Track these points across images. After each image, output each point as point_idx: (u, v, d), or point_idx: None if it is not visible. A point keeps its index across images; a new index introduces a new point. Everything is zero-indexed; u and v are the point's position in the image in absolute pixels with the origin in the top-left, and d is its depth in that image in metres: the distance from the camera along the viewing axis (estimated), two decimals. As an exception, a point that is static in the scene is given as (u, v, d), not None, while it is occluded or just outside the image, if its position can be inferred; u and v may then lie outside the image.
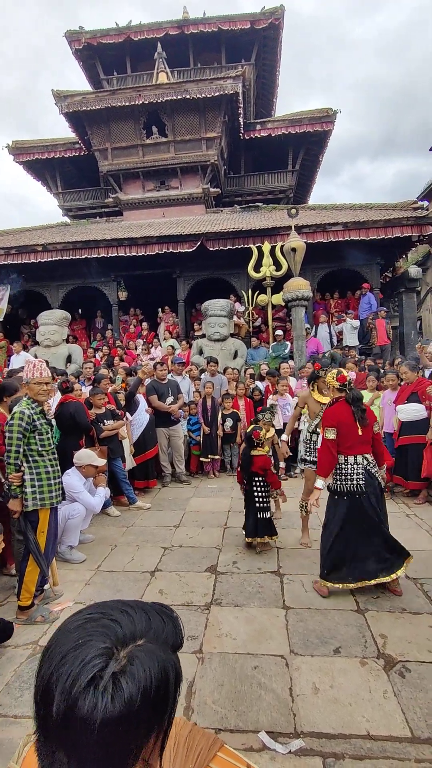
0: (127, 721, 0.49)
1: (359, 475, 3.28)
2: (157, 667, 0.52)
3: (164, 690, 0.53)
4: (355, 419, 3.31)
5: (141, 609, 0.58)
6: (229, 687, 2.37)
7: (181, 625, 0.61)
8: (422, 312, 22.78)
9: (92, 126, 14.51)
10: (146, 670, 0.51)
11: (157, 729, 0.54)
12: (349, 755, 1.94)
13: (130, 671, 0.50)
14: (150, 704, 0.51)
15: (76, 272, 12.61)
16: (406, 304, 11.81)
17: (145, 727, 0.51)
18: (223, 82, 13.38)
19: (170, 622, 0.60)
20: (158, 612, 0.60)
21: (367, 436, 3.36)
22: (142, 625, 0.56)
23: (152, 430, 6.35)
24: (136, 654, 0.52)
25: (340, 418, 3.35)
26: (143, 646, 0.53)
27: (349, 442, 3.32)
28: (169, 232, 11.75)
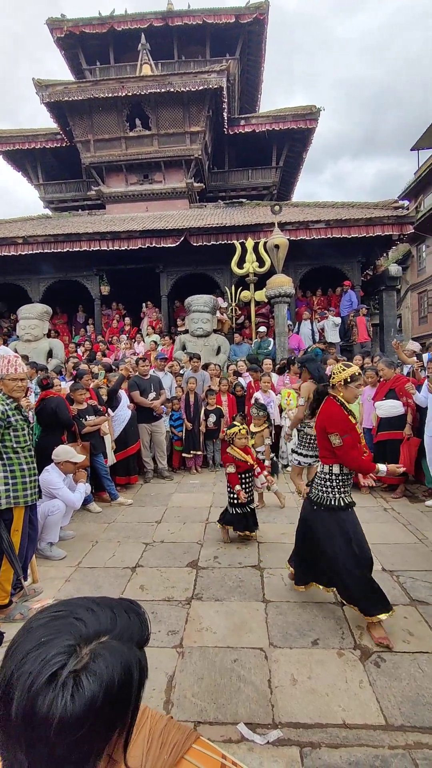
0: (89, 719, 0.48)
1: (349, 486, 3.01)
2: (120, 664, 0.53)
3: (127, 686, 0.53)
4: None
5: (107, 606, 0.58)
6: (208, 680, 2.39)
7: (147, 621, 0.61)
8: (402, 310, 23.19)
9: (74, 117, 14.26)
10: (109, 667, 0.51)
11: (120, 725, 0.54)
12: (326, 744, 1.98)
13: (92, 668, 0.50)
14: (112, 701, 0.51)
15: (57, 265, 12.42)
16: (386, 302, 11.98)
17: (108, 724, 0.52)
18: (207, 76, 13.30)
19: (136, 619, 0.60)
20: (125, 609, 0.60)
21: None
22: (107, 622, 0.55)
23: (134, 426, 6.32)
24: (99, 651, 0.52)
25: (350, 422, 2.87)
26: (107, 644, 0.53)
27: (356, 450, 2.86)
28: (153, 226, 11.66)
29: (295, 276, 11.58)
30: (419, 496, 5.50)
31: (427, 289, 21.83)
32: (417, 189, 22.40)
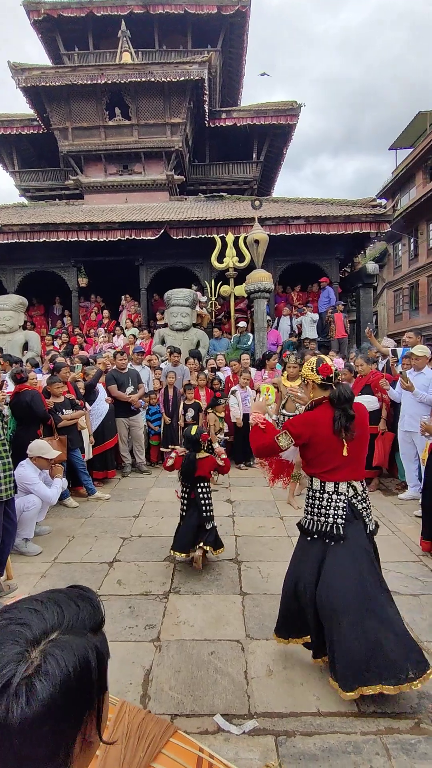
0: (50, 717, 0.49)
1: (338, 511, 2.27)
2: (74, 656, 0.52)
3: (86, 675, 0.53)
4: (338, 431, 2.24)
5: (53, 601, 0.57)
6: (185, 673, 2.41)
7: (99, 605, 0.61)
8: (378, 307, 23.61)
9: (51, 103, 13.91)
10: (61, 663, 0.51)
11: (89, 709, 0.55)
12: (300, 732, 2.03)
13: (43, 670, 0.49)
14: (73, 694, 0.51)
15: (33, 256, 12.13)
16: (363, 299, 12.18)
17: (74, 713, 0.52)
18: (188, 67, 13.15)
19: (87, 605, 0.59)
20: (73, 598, 0.59)
21: (359, 452, 2.35)
22: (54, 619, 0.54)
23: (111, 420, 6.27)
24: (49, 651, 0.51)
25: (317, 428, 2.28)
26: (57, 641, 0.52)
27: (329, 465, 2.30)
28: (132, 218, 11.51)
29: (275, 272, 11.64)
30: (392, 489, 5.64)
31: (402, 287, 22.29)
32: (394, 188, 22.79)
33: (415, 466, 5.21)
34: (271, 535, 4.24)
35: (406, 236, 21.14)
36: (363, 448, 2.39)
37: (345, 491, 2.29)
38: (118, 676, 2.36)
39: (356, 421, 2.27)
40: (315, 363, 2.39)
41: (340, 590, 2.15)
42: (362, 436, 2.33)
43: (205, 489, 3.73)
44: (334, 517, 2.27)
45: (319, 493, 2.33)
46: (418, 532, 3.98)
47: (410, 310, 21.60)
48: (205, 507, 3.68)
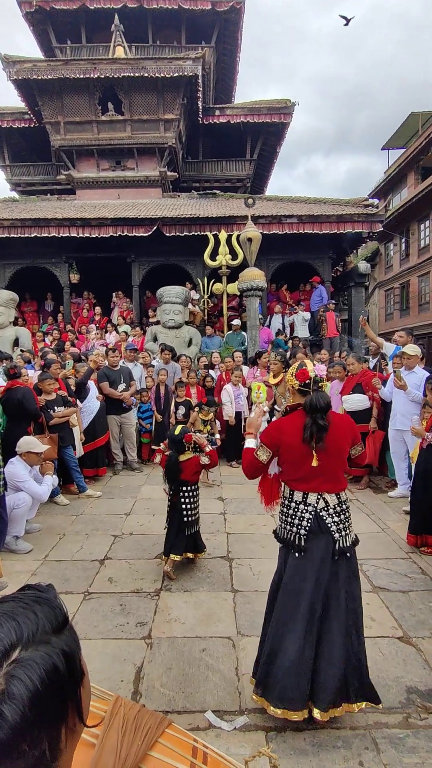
0: (26, 734, 0.48)
1: (303, 522, 2.14)
2: (39, 671, 0.51)
3: (57, 682, 0.52)
4: (306, 440, 2.11)
5: (7, 616, 0.54)
6: (177, 670, 2.42)
7: (58, 602, 0.59)
8: (369, 306, 23.78)
9: (43, 96, 13.75)
10: (27, 682, 0.49)
11: (67, 708, 0.54)
12: (290, 728, 2.05)
13: (9, 693, 0.48)
14: (46, 705, 0.50)
15: (24, 251, 12.02)
16: (355, 299, 12.25)
17: (51, 720, 0.51)
18: (182, 63, 13.08)
19: (45, 608, 0.57)
20: (29, 605, 0.56)
21: (331, 466, 2.17)
22: (11, 636, 0.52)
23: (103, 418, 6.25)
24: (12, 673, 0.49)
25: (283, 435, 2.20)
26: (18, 661, 0.50)
27: (296, 473, 2.19)
28: (125, 214, 11.44)
29: (267, 270, 11.65)
30: (382, 487, 5.70)
31: (393, 286, 22.46)
32: (386, 188, 22.93)
33: (405, 465, 5.27)
34: (262, 532, 4.26)
35: (398, 236, 21.30)
36: (338, 461, 2.19)
37: (314, 503, 2.15)
38: (110, 673, 2.36)
39: (331, 431, 2.13)
40: (295, 368, 2.30)
41: (287, 603, 2.09)
42: (338, 449, 2.17)
43: (187, 493, 3.54)
44: (298, 527, 2.15)
45: (287, 501, 2.25)
46: (406, 528, 4.03)
47: (401, 310, 21.78)
48: (186, 512, 3.51)
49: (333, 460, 2.16)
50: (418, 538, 3.88)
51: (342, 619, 2.03)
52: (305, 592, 2.04)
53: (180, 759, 0.83)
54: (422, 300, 19.67)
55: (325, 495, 2.16)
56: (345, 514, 2.20)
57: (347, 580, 2.11)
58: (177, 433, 3.58)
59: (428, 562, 3.64)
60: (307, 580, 2.06)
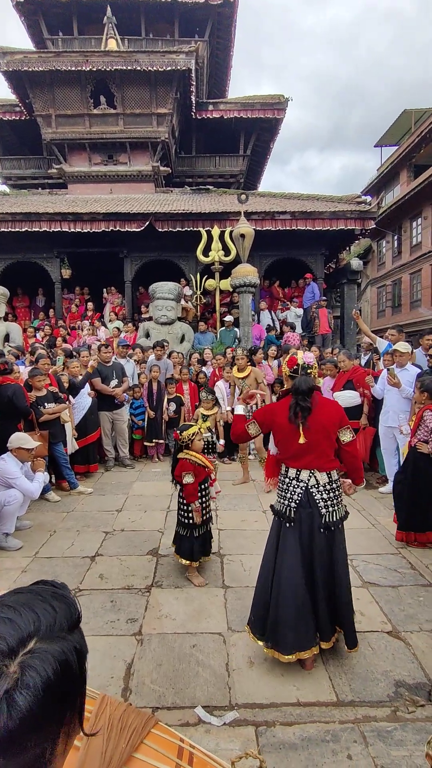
0: (35, 726, 0.48)
1: (293, 496, 2.41)
2: (54, 663, 0.51)
3: (68, 678, 0.53)
4: (291, 418, 2.37)
5: (26, 606, 0.55)
6: (167, 666, 2.42)
7: (74, 602, 0.60)
8: (361, 303, 23.85)
9: (34, 89, 13.58)
10: (42, 673, 0.50)
11: (71, 708, 0.54)
12: (280, 722, 2.06)
13: (24, 682, 0.48)
14: (56, 699, 0.51)
15: (15, 246, 11.88)
16: (347, 296, 12.28)
17: (58, 716, 0.52)
18: (175, 57, 12.98)
19: (62, 604, 0.57)
20: (47, 599, 0.57)
21: (317, 444, 2.39)
22: (29, 626, 0.53)
23: (94, 414, 6.21)
24: (28, 662, 0.50)
25: (276, 417, 2.45)
26: (35, 651, 0.51)
27: (288, 451, 2.44)
28: (117, 209, 11.35)
29: (260, 266, 11.63)
30: (373, 483, 5.73)
31: (385, 284, 22.55)
32: (379, 185, 22.98)
33: (395, 461, 5.30)
34: (254, 528, 4.28)
35: (390, 234, 21.37)
36: (324, 440, 2.40)
37: (305, 479, 2.41)
38: (100, 670, 2.36)
39: (316, 412, 2.38)
40: (287, 356, 2.62)
41: (285, 566, 2.37)
42: (323, 428, 2.39)
43: (181, 492, 3.42)
44: (289, 500, 2.42)
45: (283, 477, 2.50)
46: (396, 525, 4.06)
47: (393, 307, 21.88)
48: (180, 511, 3.40)
49: (318, 437, 2.38)
50: (406, 534, 3.91)
51: (330, 576, 2.38)
52: (297, 557, 2.35)
53: (165, 760, 0.83)
54: (414, 297, 19.78)
55: (316, 473, 2.41)
56: (335, 492, 2.44)
57: (334, 548, 2.40)
58: (178, 428, 3.50)
59: (417, 557, 3.67)
60: (298, 547, 2.36)
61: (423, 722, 2.06)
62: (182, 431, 3.40)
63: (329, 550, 2.38)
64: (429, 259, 18.36)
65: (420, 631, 2.71)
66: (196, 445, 3.35)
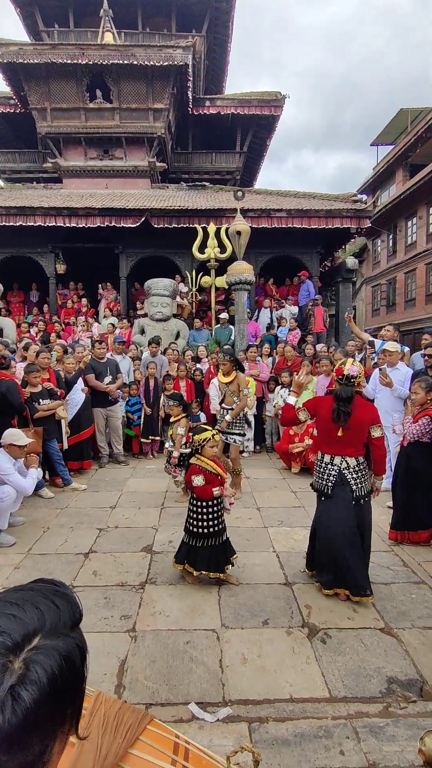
0: (36, 723, 0.48)
1: (330, 477, 3.01)
2: (59, 660, 0.51)
3: (72, 675, 0.53)
4: (334, 419, 2.96)
5: (30, 603, 0.55)
6: (161, 663, 2.42)
7: (76, 600, 0.60)
8: (356, 302, 23.92)
9: (29, 81, 13.44)
10: (47, 669, 0.50)
11: (71, 706, 0.54)
12: (273, 718, 2.07)
13: (29, 678, 0.48)
14: (59, 695, 0.51)
15: (9, 240, 11.77)
16: (343, 294, 12.30)
17: (59, 714, 0.52)
18: (172, 51, 12.89)
19: (64, 602, 0.58)
20: (49, 597, 0.57)
21: (352, 438, 2.98)
22: (34, 622, 0.53)
23: (88, 410, 6.19)
24: (33, 659, 0.50)
25: (319, 409, 3.11)
26: (40, 647, 0.51)
27: (326, 439, 3.06)
28: (113, 204, 11.28)
29: (256, 264, 11.62)
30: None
31: (380, 282, 22.63)
32: (374, 184, 23.03)
33: (387, 458, 5.33)
34: (248, 526, 4.29)
35: (385, 233, 21.43)
36: (358, 434, 2.99)
37: (338, 463, 3.00)
38: (93, 666, 2.35)
39: (355, 413, 2.95)
40: (339, 363, 3.17)
41: (329, 528, 2.98)
42: (358, 426, 2.98)
43: (192, 499, 3.27)
44: (326, 481, 3.03)
45: (320, 462, 3.12)
46: (389, 522, 4.08)
47: (387, 306, 21.97)
48: (188, 518, 3.25)
49: (354, 433, 2.98)
50: (399, 534, 3.94)
51: (360, 536, 2.98)
52: (336, 522, 2.95)
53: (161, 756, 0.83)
54: (408, 296, 19.87)
55: (347, 458, 2.99)
56: (363, 473, 3.02)
57: (363, 515, 3.02)
58: (192, 429, 3.44)
59: (410, 555, 3.70)
60: (335, 516, 2.96)
61: (415, 718, 2.08)
62: (194, 434, 3.29)
63: (362, 516, 3.01)
64: (423, 259, 18.44)
65: (412, 627, 2.73)
66: (207, 451, 3.23)
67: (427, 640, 2.62)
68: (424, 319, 18.01)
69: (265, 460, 6.97)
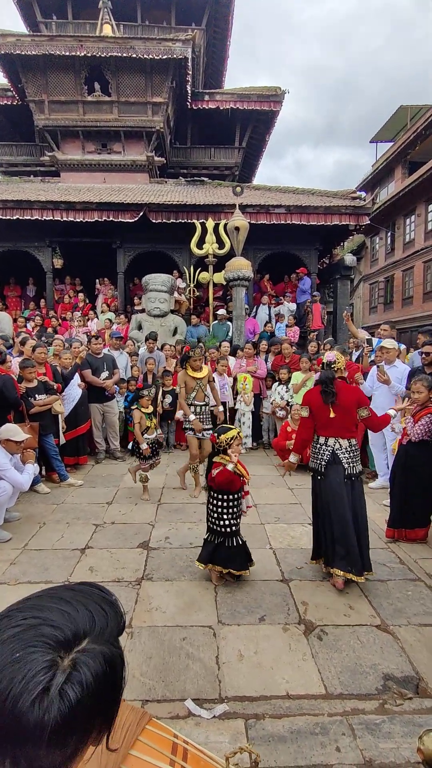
0: (77, 722, 0.49)
1: (324, 456, 3.23)
2: (103, 665, 0.52)
3: (114, 683, 0.54)
4: (324, 401, 3.25)
5: (81, 604, 0.56)
6: (157, 659, 2.42)
7: (121, 609, 0.61)
8: (354, 299, 23.93)
9: (27, 73, 13.30)
10: (93, 673, 0.51)
11: (105, 715, 0.55)
12: (269, 715, 2.07)
13: (76, 678, 0.49)
14: (100, 701, 0.51)
15: (6, 234, 11.67)
16: (341, 291, 12.29)
17: (97, 719, 0.52)
18: (172, 45, 12.79)
19: (113, 611, 0.59)
20: (99, 603, 0.58)
21: (342, 420, 3.21)
22: (85, 624, 0.54)
23: (84, 405, 6.16)
24: (82, 660, 0.51)
25: (312, 398, 3.38)
26: (88, 650, 0.52)
27: (321, 423, 3.31)
28: (110, 199, 11.20)
29: (254, 260, 11.58)
30: (363, 478, 5.75)
31: (378, 280, 22.64)
32: (374, 181, 22.99)
33: (384, 455, 5.35)
34: (244, 522, 4.23)
35: (384, 230, 21.41)
36: (347, 416, 3.25)
37: (332, 444, 3.26)
38: (89, 662, 2.34)
39: (340, 395, 3.25)
40: (319, 355, 3.59)
41: (325, 505, 3.24)
42: (346, 407, 3.24)
43: (216, 499, 3.19)
44: (320, 460, 3.27)
45: (315, 444, 3.37)
46: (386, 519, 4.09)
47: (385, 304, 21.99)
48: (210, 518, 3.22)
49: (344, 414, 3.25)
50: (396, 531, 3.95)
51: (354, 514, 3.18)
52: (329, 500, 3.20)
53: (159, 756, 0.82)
54: (406, 294, 19.89)
55: (339, 440, 3.26)
56: (353, 454, 3.29)
57: (356, 493, 3.24)
58: (217, 428, 3.37)
59: (406, 552, 3.71)
60: (331, 494, 3.19)
61: (411, 715, 2.08)
62: (219, 434, 3.22)
63: (355, 494, 3.23)
64: (421, 257, 18.45)
65: (408, 624, 2.74)
66: (234, 450, 3.18)
67: (423, 637, 2.63)
68: (421, 317, 18.04)
69: (262, 456, 6.97)
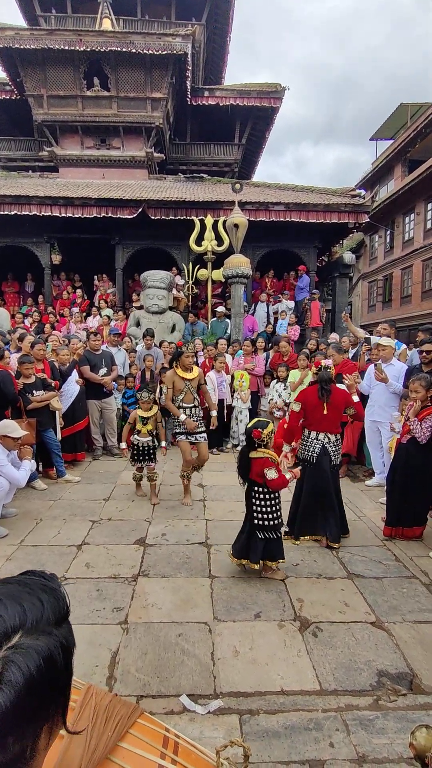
0: (14, 724, 0.47)
1: (315, 449, 3.82)
2: (37, 660, 0.50)
3: (52, 674, 0.51)
4: (320, 397, 3.78)
5: (12, 599, 0.53)
6: (152, 655, 2.43)
7: (63, 593, 0.58)
8: (353, 297, 23.92)
9: (26, 67, 13.22)
10: (24, 669, 0.48)
11: (55, 705, 0.53)
12: (264, 711, 2.08)
13: (5, 679, 0.47)
14: (38, 696, 0.49)
15: (4, 229, 11.62)
16: (339, 289, 12.28)
17: (40, 713, 0.50)
18: (172, 40, 12.71)
19: (51, 597, 0.56)
20: (35, 592, 0.55)
21: (333, 417, 3.82)
22: (15, 619, 0.51)
23: (82, 402, 6.15)
24: (11, 658, 0.48)
25: (308, 396, 3.89)
26: (18, 646, 0.49)
27: (314, 419, 3.83)
28: (109, 195, 11.15)
29: (253, 257, 11.54)
30: (360, 476, 5.79)
31: (377, 278, 22.62)
32: (373, 179, 22.96)
33: (380, 454, 5.36)
34: (240, 519, 4.26)
35: (383, 228, 21.39)
36: (337, 413, 3.86)
37: (322, 438, 3.83)
38: (85, 658, 2.35)
39: (332, 396, 3.80)
40: (316, 359, 4.24)
41: (313, 487, 3.81)
42: (337, 406, 3.84)
43: (259, 495, 3.23)
44: (312, 452, 3.84)
45: (306, 437, 3.90)
46: (382, 517, 4.10)
47: (383, 302, 21.99)
48: (257, 514, 3.22)
49: (334, 411, 3.83)
50: (394, 530, 3.96)
51: (334, 494, 3.85)
52: (318, 483, 3.80)
53: (150, 749, 0.82)
54: (404, 293, 19.88)
55: (329, 434, 3.84)
56: (338, 446, 3.94)
57: (335, 478, 3.94)
58: (249, 426, 3.34)
59: (402, 549, 3.72)
60: (321, 478, 3.80)
61: (404, 711, 2.09)
62: (262, 428, 3.21)
63: (336, 479, 3.94)
64: (420, 255, 18.44)
65: (403, 621, 2.75)
66: (271, 443, 3.33)
67: (418, 634, 2.64)
68: (420, 315, 18.04)
69: (259, 454, 6.98)
